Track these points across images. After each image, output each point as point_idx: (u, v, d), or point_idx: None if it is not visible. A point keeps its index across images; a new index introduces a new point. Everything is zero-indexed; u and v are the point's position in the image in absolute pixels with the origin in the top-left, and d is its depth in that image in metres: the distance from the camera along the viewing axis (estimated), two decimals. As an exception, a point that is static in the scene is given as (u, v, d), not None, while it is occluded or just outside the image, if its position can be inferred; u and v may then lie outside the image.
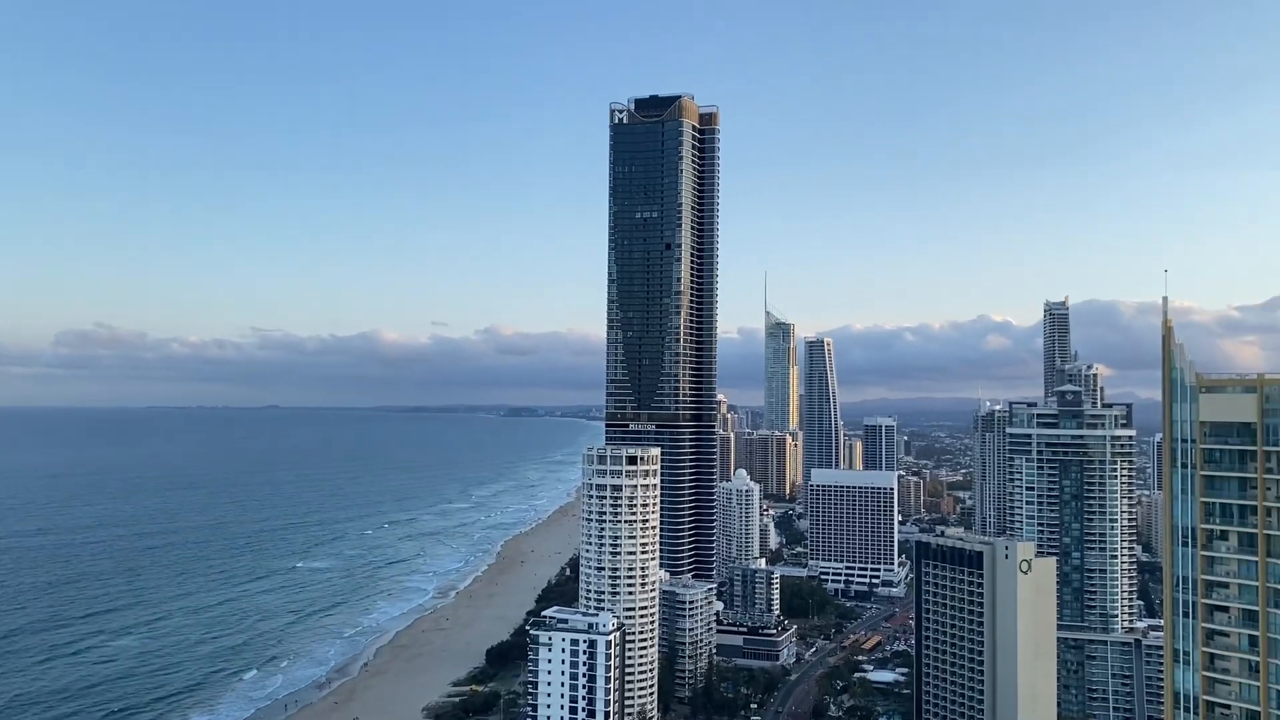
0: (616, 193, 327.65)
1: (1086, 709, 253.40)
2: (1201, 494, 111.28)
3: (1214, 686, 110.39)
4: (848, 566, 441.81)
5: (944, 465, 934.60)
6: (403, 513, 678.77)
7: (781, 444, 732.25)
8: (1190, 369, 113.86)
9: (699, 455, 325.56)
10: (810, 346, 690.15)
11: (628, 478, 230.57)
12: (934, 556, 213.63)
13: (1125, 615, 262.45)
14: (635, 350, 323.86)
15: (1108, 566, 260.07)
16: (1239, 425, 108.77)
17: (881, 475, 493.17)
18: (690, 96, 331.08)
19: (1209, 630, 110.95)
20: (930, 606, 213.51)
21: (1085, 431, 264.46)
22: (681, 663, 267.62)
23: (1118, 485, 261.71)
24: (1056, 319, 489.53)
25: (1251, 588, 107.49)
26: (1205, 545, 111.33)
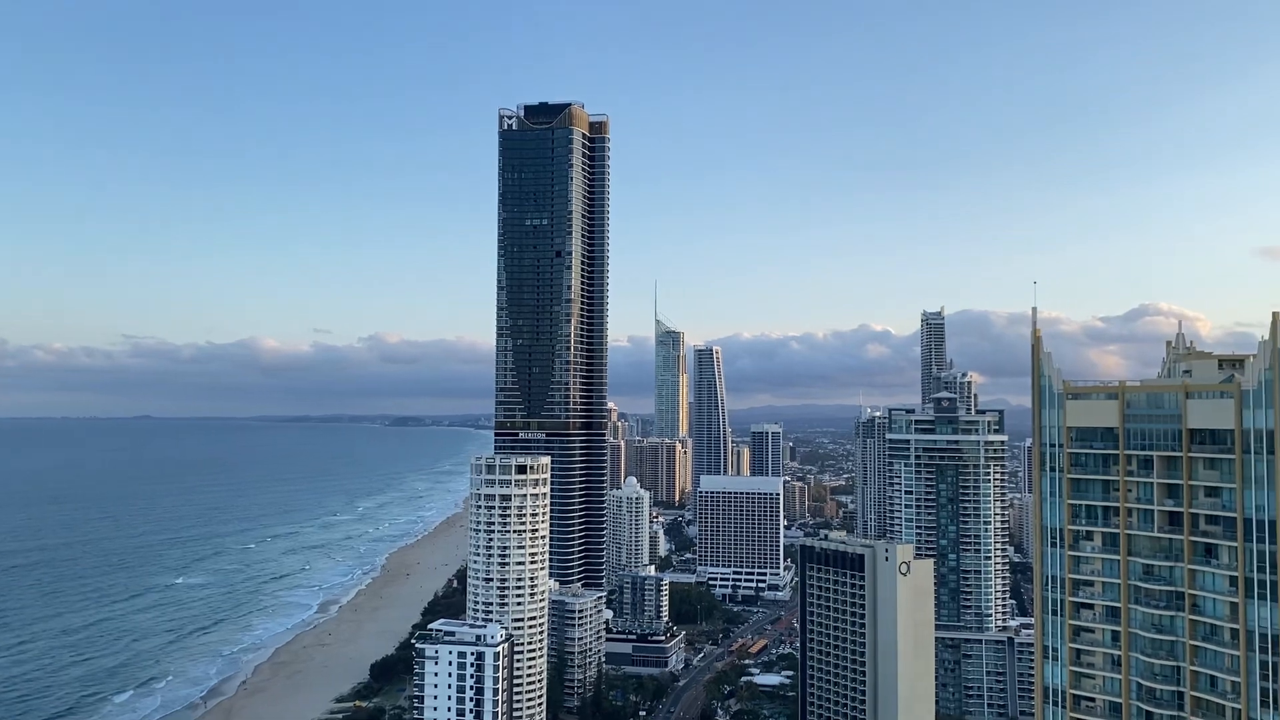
0: (506, 199, 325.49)
1: (963, 706, 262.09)
2: (1069, 496, 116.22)
3: (1080, 680, 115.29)
4: (735, 571, 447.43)
5: (828, 470, 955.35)
6: (285, 525, 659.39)
7: (671, 451, 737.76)
8: (1057, 377, 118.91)
9: (589, 463, 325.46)
10: (699, 355, 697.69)
11: (517, 487, 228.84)
12: (817, 560, 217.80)
13: (999, 614, 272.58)
14: (525, 358, 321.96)
15: (982, 567, 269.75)
16: (1102, 430, 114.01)
17: (768, 481, 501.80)
18: (580, 105, 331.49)
19: (1076, 627, 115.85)
20: (814, 609, 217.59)
21: (960, 437, 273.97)
22: (571, 672, 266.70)
23: (991, 489, 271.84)
24: (933, 328, 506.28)
25: (1114, 585, 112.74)
26: (1072, 545, 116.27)
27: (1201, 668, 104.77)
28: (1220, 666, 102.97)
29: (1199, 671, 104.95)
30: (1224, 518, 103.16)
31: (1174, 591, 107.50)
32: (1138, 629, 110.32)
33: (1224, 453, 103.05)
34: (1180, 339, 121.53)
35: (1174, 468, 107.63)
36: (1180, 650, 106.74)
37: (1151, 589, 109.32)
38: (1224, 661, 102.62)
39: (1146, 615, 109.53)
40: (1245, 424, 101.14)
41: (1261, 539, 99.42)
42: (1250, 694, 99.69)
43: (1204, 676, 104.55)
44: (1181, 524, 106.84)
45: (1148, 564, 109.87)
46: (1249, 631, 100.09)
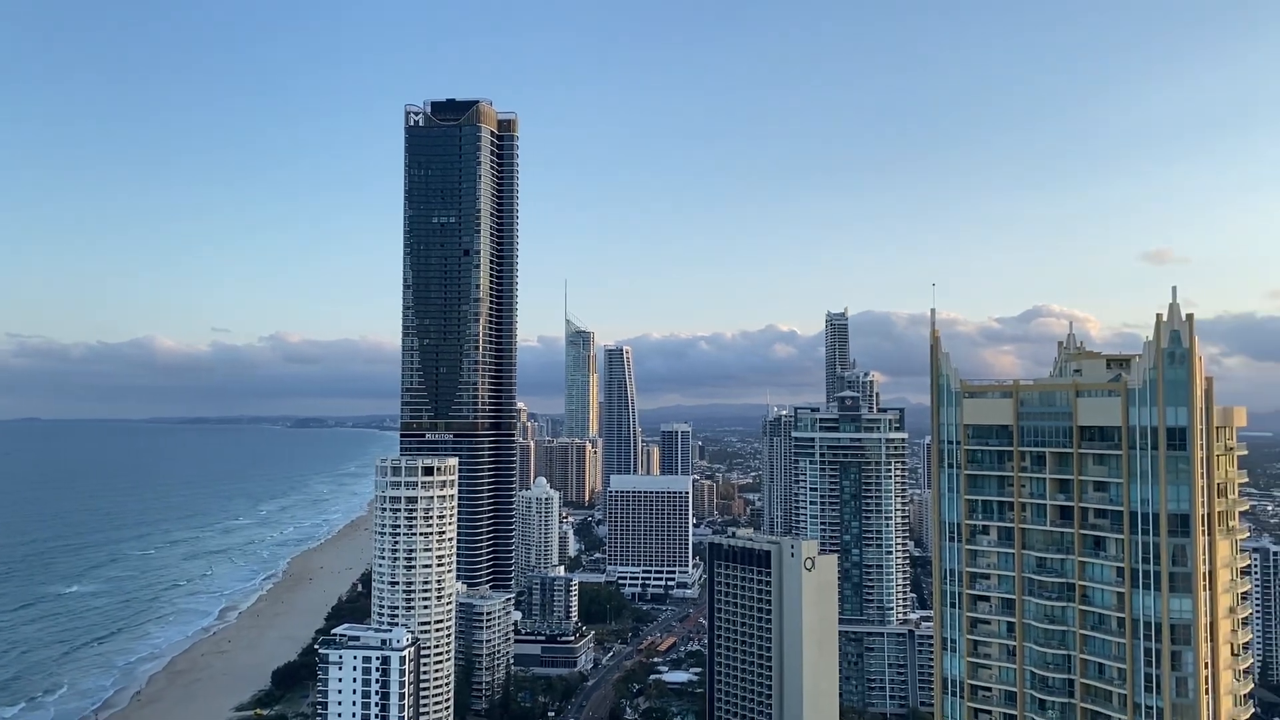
0: (412, 197, 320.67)
1: (866, 698, 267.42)
2: (966, 492, 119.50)
3: (977, 671, 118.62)
4: (644, 570, 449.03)
5: (736, 468, 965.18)
6: (184, 530, 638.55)
7: (581, 451, 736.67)
8: (955, 376, 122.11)
9: (498, 464, 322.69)
10: (610, 355, 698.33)
11: (423, 489, 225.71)
12: (725, 557, 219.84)
13: (900, 607, 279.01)
14: (432, 358, 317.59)
15: (884, 562, 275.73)
16: (997, 428, 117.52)
17: (677, 480, 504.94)
18: (489, 102, 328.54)
19: (973, 619, 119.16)
20: (722, 606, 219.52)
21: (863, 435, 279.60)
22: (479, 675, 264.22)
23: (892, 485, 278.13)
24: (837, 329, 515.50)
25: (1009, 578, 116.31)
26: (969, 540, 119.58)
27: (1091, 656, 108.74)
28: (1108, 654, 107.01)
29: (1088, 659, 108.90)
30: (1111, 511, 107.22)
31: (1065, 583, 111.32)
32: (1031, 620, 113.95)
33: (1112, 449, 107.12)
34: (1071, 339, 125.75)
35: (1065, 463, 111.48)
36: (1071, 639, 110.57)
37: (1044, 581, 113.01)
38: (1112, 649, 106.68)
39: (1040, 606, 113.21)
40: (1131, 421, 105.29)
41: (1146, 531, 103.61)
42: (1135, 680, 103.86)
43: (1093, 664, 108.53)
44: (1072, 518, 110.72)
45: (1041, 557, 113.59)
46: (1134, 620, 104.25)
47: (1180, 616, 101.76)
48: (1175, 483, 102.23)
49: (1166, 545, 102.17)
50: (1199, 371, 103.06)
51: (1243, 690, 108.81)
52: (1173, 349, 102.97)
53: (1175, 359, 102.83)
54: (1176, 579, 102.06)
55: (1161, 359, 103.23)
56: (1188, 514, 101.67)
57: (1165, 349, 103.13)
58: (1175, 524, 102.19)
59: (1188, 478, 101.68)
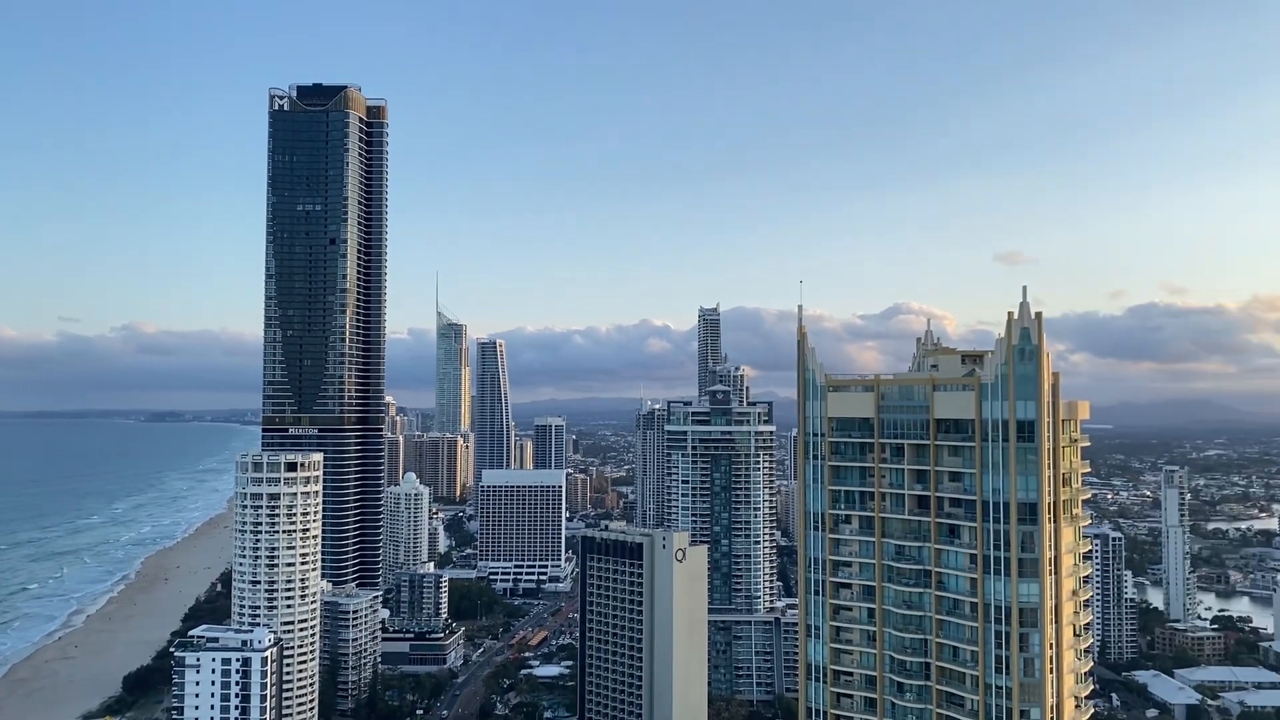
0: (276, 183, 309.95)
1: (734, 686, 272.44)
2: (829, 483, 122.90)
3: (839, 656, 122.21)
4: (516, 565, 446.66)
5: (610, 462, 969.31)
6: (30, 530, 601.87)
7: (453, 446, 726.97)
8: (820, 370, 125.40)
9: (365, 459, 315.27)
10: (483, 348, 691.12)
11: (286, 485, 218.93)
12: (598, 550, 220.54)
13: (767, 596, 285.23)
14: (296, 350, 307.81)
15: (752, 552, 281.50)
16: (860, 420, 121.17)
17: (550, 474, 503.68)
18: (357, 88, 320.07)
19: (835, 606, 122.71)
20: (594, 599, 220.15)
21: (733, 428, 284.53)
22: (344, 674, 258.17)
23: (761, 477, 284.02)
24: (710, 324, 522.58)
25: (870, 565, 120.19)
26: (832, 529, 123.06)
27: (946, 640, 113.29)
28: (962, 638, 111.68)
29: (943, 643, 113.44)
30: (965, 500, 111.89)
31: (922, 570, 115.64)
32: (890, 606, 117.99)
33: (965, 441, 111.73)
34: (929, 336, 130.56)
35: (922, 455, 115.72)
36: (928, 624, 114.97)
37: (902, 568, 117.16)
38: (965, 633, 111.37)
39: (898, 593, 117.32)
40: (984, 414, 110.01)
41: (998, 519, 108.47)
42: (987, 661, 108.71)
43: (948, 648, 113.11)
44: (929, 507, 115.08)
45: (899, 545, 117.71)
46: (986, 604, 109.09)
47: (1028, 600, 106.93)
48: (1024, 473, 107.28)
49: (1016, 533, 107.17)
50: (1046, 367, 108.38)
51: (1083, 668, 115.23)
52: (1022, 346, 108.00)
53: (1025, 355, 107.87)
54: (1025, 565, 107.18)
55: (1012, 355, 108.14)
56: (1035, 503, 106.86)
57: (1015, 346, 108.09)
58: (1024, 512, 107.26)
59: (1035, 468, 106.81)
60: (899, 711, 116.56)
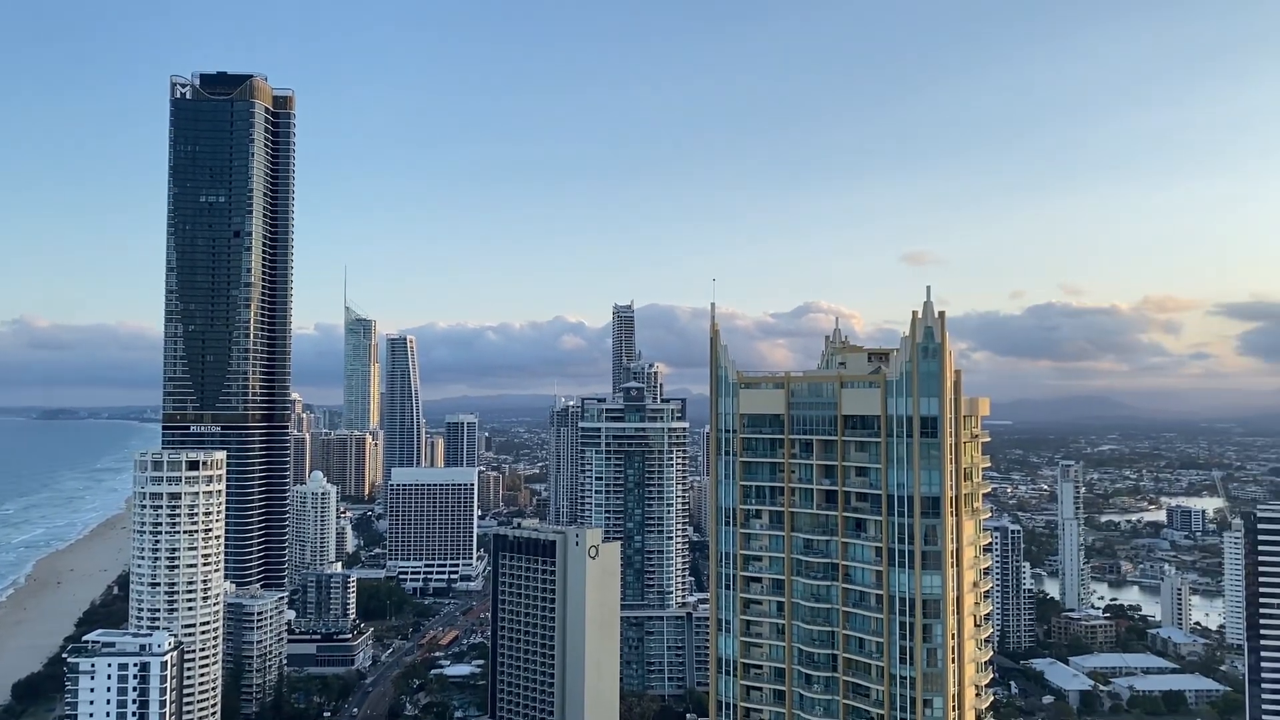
0: (178, 174, 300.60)
1: (645, 681, 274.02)
2: (741, 478, 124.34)
3: (750, 650, 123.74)
4: (427, 564, 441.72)
5: (523, 459, 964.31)
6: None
7: (361, 444, 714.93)
8: (732, 368, 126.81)
9: (270, 458, 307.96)
10: (392, 344, 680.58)
11: (188, 484, 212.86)
12: (510, 548, 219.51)
13: (679, 591, 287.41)
14: (198, 346, 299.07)
15: (665, 548, 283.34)
16: (770, 417, 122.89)
17: (462, 472, 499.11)
18: (263, 77, 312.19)
19: (746, 599, 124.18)
20: (506, 597, 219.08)
21: (647, 425, 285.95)
22: (249, 677, 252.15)
23: (674, 473, 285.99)
24: (624, 321, 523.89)
25: (780, 559, 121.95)
26: (744, 524, 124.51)
27: (852, 632, 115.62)
28: (868, 629, 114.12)
29: (850, 635, 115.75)
30: (871, 495, 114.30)
31: (830, 563, 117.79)
32: (799, 599, 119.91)
33: (872, 436, 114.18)
34: (837, 334, 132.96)
35: (830, 450, 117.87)
36: (835, 617, 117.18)
37: (811, 562, 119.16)
38: (871, 625, 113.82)
39: (807, 586, 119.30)
40: (889, 410, 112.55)
41: (902, 513, 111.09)
42: (891, 652, 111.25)
43: (854, 639, 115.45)
44: (836, 501, 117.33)
45: (808, 539, 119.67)
46: (891, 597, 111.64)
47: (931, 592, 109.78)
48: (927, 468, 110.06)
49: (919, 526, 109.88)
50: (949, 365, 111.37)
51: (984, 658, 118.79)
52: (926, 344, 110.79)
53: (928, 353, 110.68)
54: (928, 557, 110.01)
55: (916, 353, 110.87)
56: (938, 497, 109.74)
57: (920, 344, 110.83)
58: (927, 506, 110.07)
59: (938, 463, 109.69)
60: (807, 703, 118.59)
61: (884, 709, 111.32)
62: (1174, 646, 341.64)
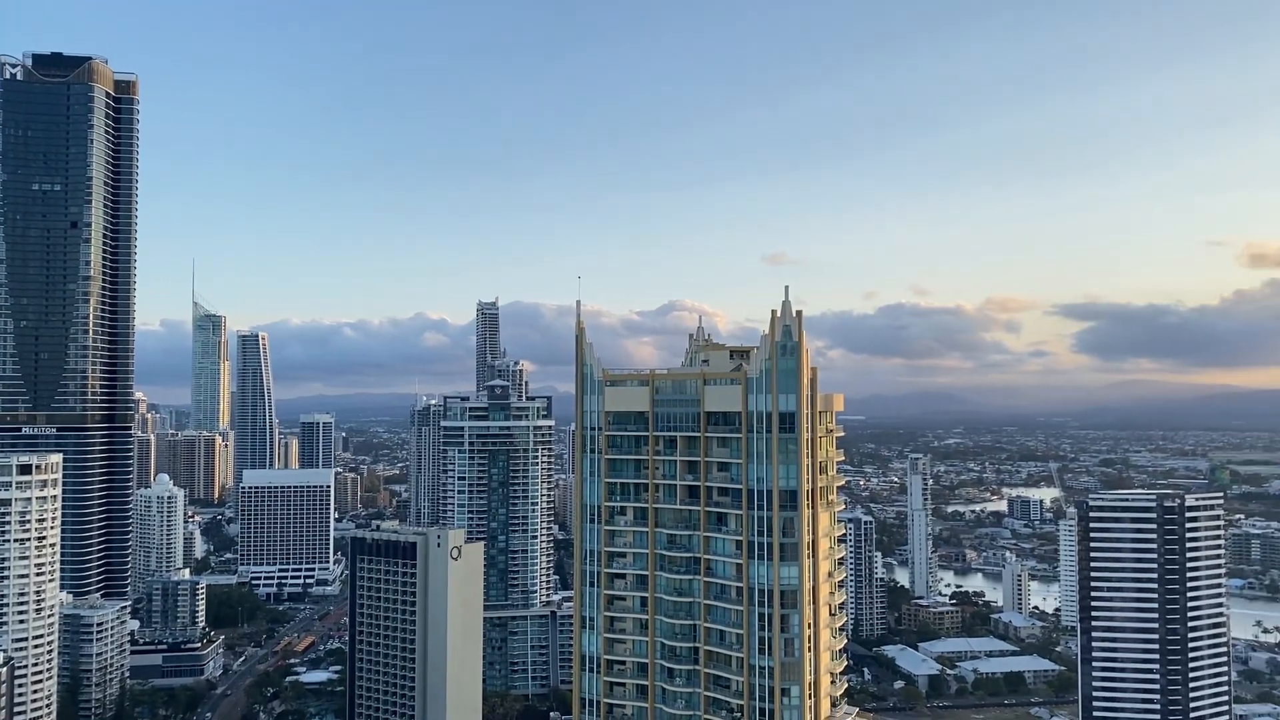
0: (7, 160, 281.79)
1: (509, 681, 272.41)
2: (606, 475, 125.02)
3: (613, 646, 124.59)
4: (281, 569, 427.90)
5: (382, 460, 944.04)
6: None
7: (210, 445, 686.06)
8: (598, 365, 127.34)
9: (112, 460, 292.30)
10: (244, 341, 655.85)
11: (19, 490, 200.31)
12: (369, 551, 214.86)
13: (543, 590, 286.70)
14: (31, 342, 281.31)
15: (529, 547, 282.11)
16: (635, 414, 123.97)
17: (318, 473, 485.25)
18: (104, 60, 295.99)
19: (610, 596, 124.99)
20: (365, 601, 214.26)
21: (511, 423, 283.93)
22: (87, 692, 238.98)
23: (539, 471, 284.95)
24: (488, 318, 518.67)
25: (644, 555, 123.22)
26: (608, 521, 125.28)
27: (713, 624, 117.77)
28: (728, 622, 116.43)
29: (711, 628, 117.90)
30: (732, 489, 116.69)
31: (693, 557, 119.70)
32: (662, 594, 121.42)
33: (733, 432, 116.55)
34: (700, 332, 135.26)
35: (693, 446, 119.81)
36: (697, 610, 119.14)
37: (674, 556, 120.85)
38: (731, 617, 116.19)
39: (670, 581, 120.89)
40: (750, 407, 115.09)
41: (762, 507, 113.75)
42: (751, 643, 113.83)
43: (715, 632, 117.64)
44: (699, 497, 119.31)
45: (672, 534, 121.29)
46: (750, 588, 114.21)
47: (788, 583, 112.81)
48: (785, 462, 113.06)
49: (778, 519, 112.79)
50: (806, 363, 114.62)
51: (838, 646, 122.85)
52: (784, 342, 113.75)
53: (787, 351, 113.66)
54: (786, 549, 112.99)
55: (775, 351, 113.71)
56: (795, 490, 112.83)
57: (778, 342, 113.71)
58: (785, 499, 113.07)
59: (796, 458, 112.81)
60: (669, 697, 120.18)
61: (743, 699, 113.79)
62: (1014, 630, 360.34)
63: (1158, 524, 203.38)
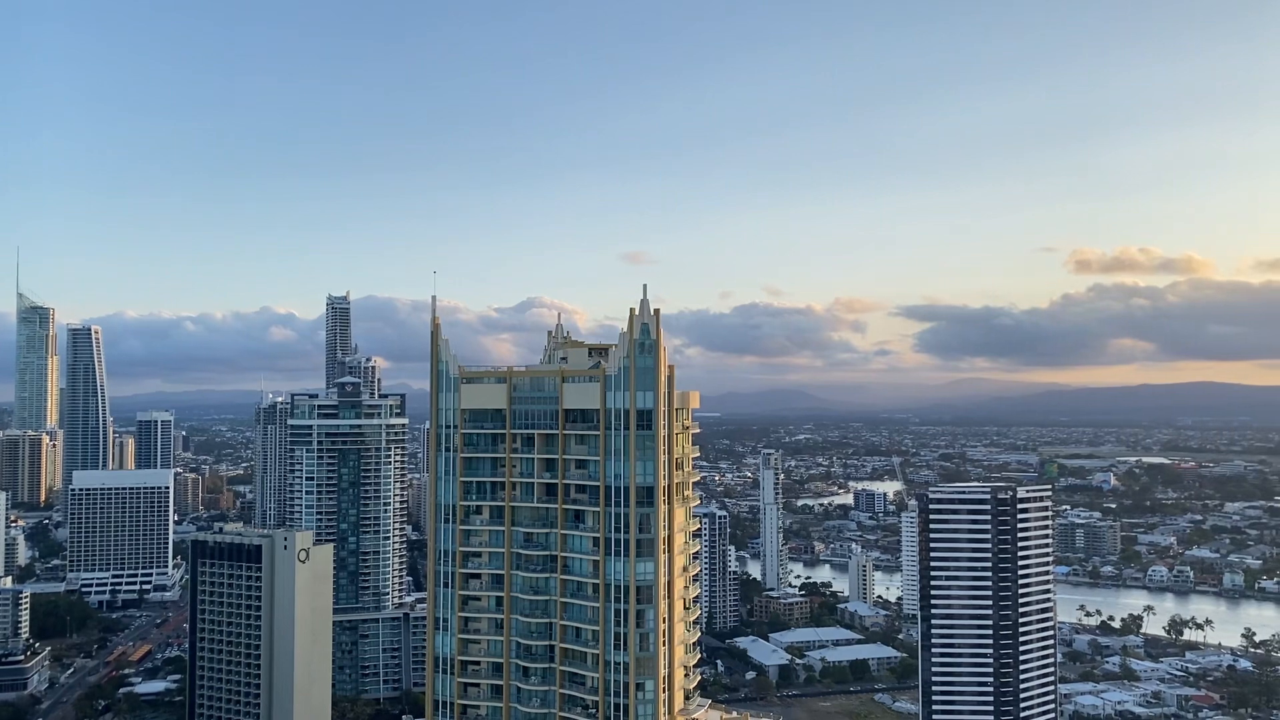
0: None
1: (360, 685, 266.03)
2: (461, 474, 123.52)
3: (468, 646, 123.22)
4: (115, 575, 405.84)
5: (225, 460, 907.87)
6: None
7: (36, 445, 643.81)
8: (454, 362, 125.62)
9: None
10: (74, 335, 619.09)
11: None
12: (211, 554, 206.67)
13: (396, 592, 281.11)
14: None
15: (381, 548, 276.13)
16: (493, 412, 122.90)
17: (155, 474, 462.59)
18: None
19: (465, 596, 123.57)
20: (207, 606, 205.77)
21: (363, 421, 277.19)
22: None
23: (392, 471, 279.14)
24: (339, 313, 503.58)
25: (500, 554, 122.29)
26: (464, 520, 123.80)
27: (569, 622, 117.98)
28: (584, 618, 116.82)
29: (567, 625, 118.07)
30: (590, 486, 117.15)
31: (549, 555, 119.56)
32: (518, 593, 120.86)
33: (591, 429, 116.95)
34: (559, 329, 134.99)
35: (551, 444, 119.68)
36: (553, 608, 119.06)
37: (531, 555, 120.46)
38: (587, 613, 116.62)
39: (526, 579, 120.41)
40: (608, 404, 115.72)
41: (618, 503, 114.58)
42: (606, 639, 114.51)
43: (571, 629, 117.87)
44: (557, 494, 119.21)
45: (528, 532, 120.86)
46: (607, 585, 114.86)
47: (644, 578, 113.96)
48: (643, 459, 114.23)
49: (635, 515, 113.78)
50: (664, 360, 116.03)
51: (692, 639, 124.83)
52: (642, 340, 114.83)
53: (645, 349, 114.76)
54: (642, 545, 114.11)
55: (633, 349, 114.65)
56: (652, 486, 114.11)
57: (637, 340, 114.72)
58: (642, 496, 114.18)
59: (653, 454, 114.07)
60: (524, 696, 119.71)
61: (599, 695, 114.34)
62: (860, 619, 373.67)
63: (992, 515, 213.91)
